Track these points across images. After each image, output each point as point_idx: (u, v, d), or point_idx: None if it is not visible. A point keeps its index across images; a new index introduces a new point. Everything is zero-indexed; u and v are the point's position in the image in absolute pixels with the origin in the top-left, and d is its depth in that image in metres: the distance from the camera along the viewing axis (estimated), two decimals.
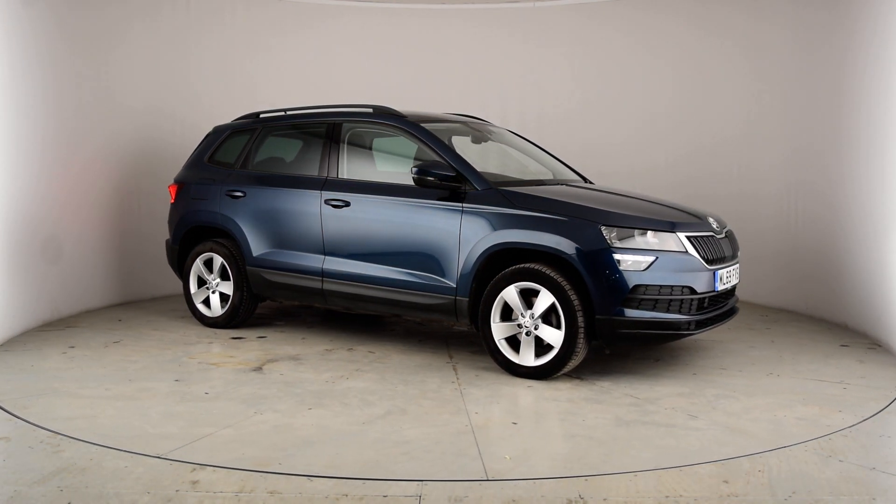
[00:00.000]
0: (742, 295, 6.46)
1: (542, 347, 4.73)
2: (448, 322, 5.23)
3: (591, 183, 6.09)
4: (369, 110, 5.70)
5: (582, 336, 4.58)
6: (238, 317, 6.08)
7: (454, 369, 5.00)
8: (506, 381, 4.72)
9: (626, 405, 4.28)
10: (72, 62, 6.36)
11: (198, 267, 6.22)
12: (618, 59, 8.19)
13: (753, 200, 7.45)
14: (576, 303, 4.57)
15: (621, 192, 5.46)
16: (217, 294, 6.16)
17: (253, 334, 5.97)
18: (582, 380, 4.77)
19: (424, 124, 5.46)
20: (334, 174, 5.60)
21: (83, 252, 6.70)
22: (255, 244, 5.88)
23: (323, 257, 5.55)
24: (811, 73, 6.81)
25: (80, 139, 6.54)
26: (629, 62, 8.16)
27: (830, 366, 5.13)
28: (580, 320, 4.56)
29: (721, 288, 4.88)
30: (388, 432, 3.81)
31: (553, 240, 4.66)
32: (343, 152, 5.66)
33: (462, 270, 4.95)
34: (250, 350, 5.48)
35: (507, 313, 4.84)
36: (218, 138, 6.41)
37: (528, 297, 4.75)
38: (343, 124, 5.72)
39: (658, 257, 4.56)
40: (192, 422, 3.94)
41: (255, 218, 5.90)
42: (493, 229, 4.85)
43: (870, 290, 5.90)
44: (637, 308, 4.53)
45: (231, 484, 3.17)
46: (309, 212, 5.60)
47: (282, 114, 6.21)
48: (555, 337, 4.65)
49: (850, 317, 6.29)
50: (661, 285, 4.56)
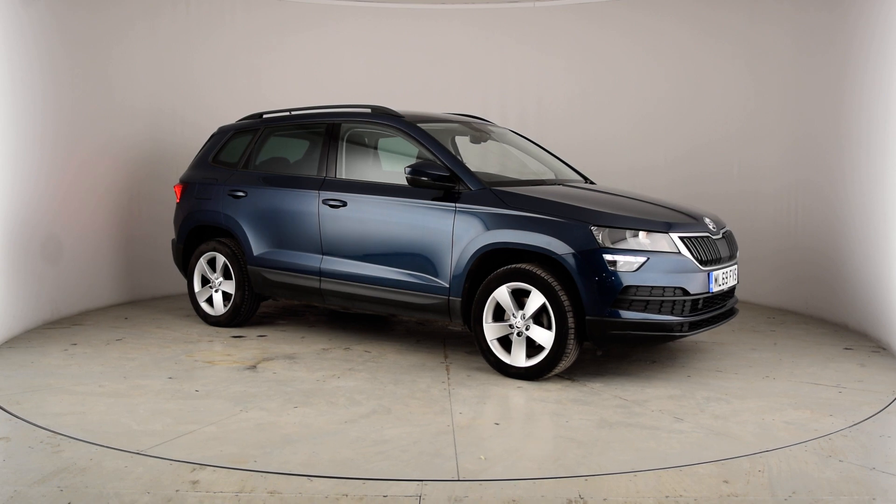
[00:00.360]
0: (742, 295, 6.40)
1: (534, 348, 4.71)
2: (442, 322, 5.23)
3: (593, 183, 6.05)
4: (367, 110, 5.72)
5: (572, 337, 4.55)
6: (240, 315, 6.14)
7: (447, 369, 5.00)
8: (496, 382, 4.71)
9: (613, 407, 4.24)
10: (72, 63, 6.40)
11: (201, 266, 6.29)
12: (617, 59, 8.18)
13: (753, 199, 7.40)
14: (566, 303, 4.54)
15: (619, 193, 5.40)
16: (220, 293, 6.23)
17: (254, 333, 6.02)
18: (573, 381, 4.74)
19: (421, 124, 5.46)
20: (332, 174, 5.63)
21: (91, 251, 6.81)
22: (256, 243, 5.93)
23: (321, 257, 5.58)
24: (811, 71, 6.77)
25: (85, 140, 6.61)
26: (629, 62, 8.14)
27: (830, 369, 5.04)
28: (570, 321, 4.53)
29: (716, 289, 4.82)
30: (368, 431, 3.82)
31: (543, 240, 4.63)
32: (341, 152, 5.69)
33: (455, 270, 4.95)
34: (248, 349, 5.52)
35: (500, 314, 4.82)
36: (222, 138, 6.48)
37: (520, 297, 4.73)
38: (342, 124, 5.75)
39: (649, 258, 4.51)
40: (178, 419, 3.98)
41: (255, 217, 5.95)
42: (486, 229, 4.84)
43: (870, 290, 5.85)
44: (628, 309, 4.49)
45: (231, 484, 3.16)
46: (307, 212, 5.64)
47: (283, 114, 6.26)
48: (545, 338, 4.62)
49: (850, 317, 6.24)
50: (653, 286, 4.52)
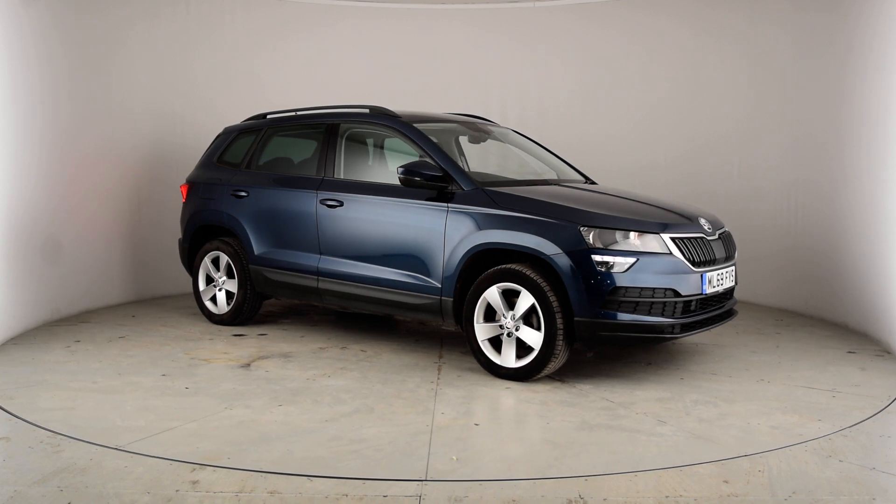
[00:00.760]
0: (742, 295, 6.35)
1: (524, 349, 4.68)
2: (435, 322, 5.23)
3: (594, 183, 6.00)
4: (366, 111, 5.74)
5: (561, 338, 4.52)
6: (242, 314, 6.20)
7: (439, 369, 5.00)
8: (485, 383, 4.69)
9: (597, 409, 4.20)
10: (72, 63, 6.44)
11: (206, 265, 6.37)
12: (617, 59, 8.15)
13: (753, 198, 7.33)
14: (555, 304, 4.51)
15: (615, 193, 5.35)
16: (223, 292, 6.30)
17: (255, 331, 6.08)
18: (563, 382, 4.71)
19: (417, 124, 5.46)
20: (331, 174, 5.66)
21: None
22: (257, 243, 5.98)
23: (319, 256, 5.61)
24: (811, 70, 6.71)
25: (85, 140, 6.67)
26: (629, 62, 8.11)
27: (828, 373, 4.94)
28: (559, 322, 4.50)
29: (710, 291, 4.74)
30: (346, 430, 3.83)
31: (533, 240, 4.61)
32: (340, 152, 5.72)
33: (447, 271, 4.95)
34: (246, 347, 5.58)
35: (491, 314, 4.81)
36: (227, 139, 6.55)
37: (511, 298, 4.71)
38: (340, 125, 5.78)
39: (639, 259, 4.46)
40: (162, 416, 4.04)
41: (257, 217, 6.00)
42: (477, 230, 4.83)
43: (870, 290, 5.78)
44: (617, 310, 4.45)
45: (231, 484, 3.17)
46: (306, 212, 5.67)
47: (284, 115, 6.31)
48: (534, 339, 4.60)
49: (850, 317, 6.17)
50: (643, 287, 4.46)
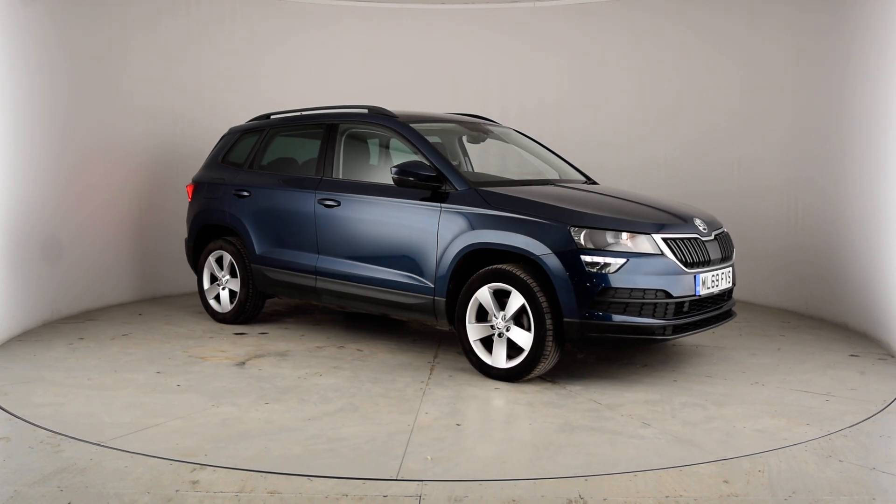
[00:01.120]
0: (742, 295, 6.28)
1: (515, 349, 4.66)
2: (429, 322, 5.23)
3: (595, 182, 5.95)
4: (364, 111, 5.76)
5: (551, 339, 4.49)
6: (245, 313, 6.25)
7: (431, 369, 5.00)
8: (476, 383, 4.68)
9: (583, 410, 4.17)
10: (73, 63, 6.48)
11: (210, 264, 6.43)
12: (617, 59, 8.10)
13: (753, 197, 7.26)
14: (544, 305, 4.49)
15: (610, 193, 5.29)
16: (227, 290, 6.36)
17: (257, 330, 6.13)
18: (554, 383, 4.68)
19: (414, 124, 5.47)
20: (329, 174, 5.69)
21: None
22: (259, 242, 6.03)
23: (317, 256, 5.65)
24: (810, 69, 6.63)
25: (86, 141, 6.71)
26: (628, 61, 8.06)
27: (826, 377, 4.84)
28: (548, 323, 4.48)
29: (704, 292, 4.68)
30: (326, 429, 3.85)
31: (522, 240, 4.59)
32: (339, 152, 5.75)
33: (439, 271, 4.94)
34: (245, 345, 5.63)
35: (483, 314, 4.80)
36: (232, 139, 6.61)
37: (503, 298, 4.69)
38: (339, 125, 5.80)
39: (629, 259, 4.42)
40: (148, 412, 4.09)
41: (258, 217, 6.05)
42: (469, 230, 4.82)
43: (870, 290, 5.72)
44: (607, 311, 4.41)
45: (231, 484, 3.18)
46: (305, 211, 5.71)
47: (286, 115, 6.35)
48: (524, 339, 4.58)
49: (850, 316, 6.10)
50: (633, 288, 4.42)
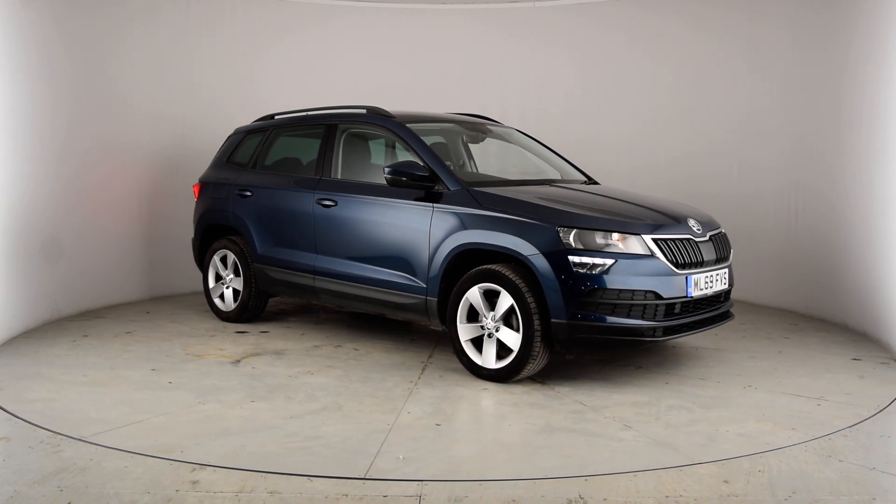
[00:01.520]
0: (743, 296, 6.19)
1: (505, 350, 4.64)
2: (422, 322, 5.23)
3: (596, 183, 5.91)
4: (363, 111, 5.78)
5: (539, 339, 4.47)
6: (248, 311, 6.31)
7: (423, 369, 5.00)
8: (465, 383, 4.67)
9: (567, 412, 4.14)
10: (72, 62, 6.52)
11: (215, 263, 6.51)
12: (618, 59, 8.04)
13: (753, 199, 7.18)
14: (532, 306, 4.46)
15: (607, 193, 5.24)
16: (230, 289, 6.43)
17: (258, 328, 6.18)
18: (543, 384, 4.65)
19: (412, 125, 5.47)
20: (328, 174, 5.72)
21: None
22: (261, 242, 6.09)
23: (315, 255, 5.68)
24: (811, 70, 6.54)
25: (86, 141, 6.75)
26: (629, 61, 8.00)
27: (823, 380, 4.74)
28: (536, 323, 4.45)
29: (697, 294, 4.62)
30: (306, 427, 3.87)
31: (511, 240, 4.57)
32: (337, 153, 5.78)
33: (432, 271, 4.94)
34: (244, 344, 5.68)
35: (474, 315, 4.78)
36: (237, 139, 6.67)
37: (493, 298, 4.67)
38: (338, 125, 5.83)
39: (617, 260, 4.38)
40: (136, 409, 4.15)
41: (260, 217, 6.10)
42: (460, 229, 4.81)
43: (870, 290, 5.66)
44: (595, 312, 4.37)
45: (231, 484, 3.19)
46: (304, 211, 5.75)
47: (287, 115, 6.40)
48: (513, 340, 4.56)
49: (850, 317, 6.04)
50: (621, 289, 4.38)
